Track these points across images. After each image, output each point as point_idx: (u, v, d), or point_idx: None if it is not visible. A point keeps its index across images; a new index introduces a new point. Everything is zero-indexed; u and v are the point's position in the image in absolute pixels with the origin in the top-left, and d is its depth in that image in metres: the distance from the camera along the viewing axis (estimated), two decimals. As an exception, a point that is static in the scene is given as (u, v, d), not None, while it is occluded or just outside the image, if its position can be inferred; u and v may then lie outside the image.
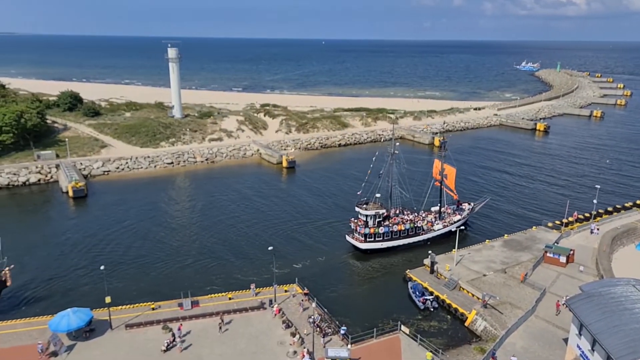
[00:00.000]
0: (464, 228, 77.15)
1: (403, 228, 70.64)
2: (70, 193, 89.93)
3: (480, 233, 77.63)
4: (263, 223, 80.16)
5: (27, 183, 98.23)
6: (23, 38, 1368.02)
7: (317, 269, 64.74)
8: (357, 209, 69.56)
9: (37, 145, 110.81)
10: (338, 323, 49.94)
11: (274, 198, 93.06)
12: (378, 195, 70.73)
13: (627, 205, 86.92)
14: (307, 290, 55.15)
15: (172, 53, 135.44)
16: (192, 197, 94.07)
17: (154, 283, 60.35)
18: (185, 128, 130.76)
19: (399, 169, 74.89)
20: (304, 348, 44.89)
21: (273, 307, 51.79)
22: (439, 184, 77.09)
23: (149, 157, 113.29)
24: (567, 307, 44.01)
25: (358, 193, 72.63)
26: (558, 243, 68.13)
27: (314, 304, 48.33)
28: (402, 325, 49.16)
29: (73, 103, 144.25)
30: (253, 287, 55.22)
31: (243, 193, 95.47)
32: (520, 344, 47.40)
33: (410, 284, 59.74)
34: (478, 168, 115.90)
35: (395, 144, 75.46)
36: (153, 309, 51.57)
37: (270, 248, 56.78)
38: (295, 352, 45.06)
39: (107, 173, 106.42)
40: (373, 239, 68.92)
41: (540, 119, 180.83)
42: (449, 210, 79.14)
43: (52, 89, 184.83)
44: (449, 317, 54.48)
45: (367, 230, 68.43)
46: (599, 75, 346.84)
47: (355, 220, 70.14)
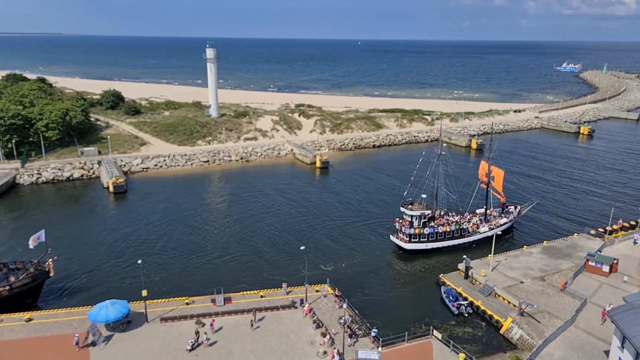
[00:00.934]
0: (511, 232, 75.69)
1: (448, 229, 69.87)
2: (111, 189, 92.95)
3: (518, 239, 75.43)
4: (295, 222, 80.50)
5: (70, 178, 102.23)
6: (69, 38, 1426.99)
7: (348, 270, 64.46)
8: (402, 209, 69.21)
9: (81, 142, 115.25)
10: (369, 325, 49.50)
11: (307, 198, 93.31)
12: (424, 196, 70.07)
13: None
14: (338, 292, 54.92)
15: (210, 53, 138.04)
16: (226, 195, 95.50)
17: (188, 278, 61.53)
18: (221, 127, 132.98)
19: (446, 170, 74.06)
20: (334, 349, 44.69)
21: (304, 306, 51.85)
22: (485, 186, 75.89)
23: (186, 155, 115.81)
24: (609, 318, 42.13)
25: (404, 194, 72.22)
26: (601, 251, 65.31)
27: (345, 305, 48.13)
28: (434, 330, 48.25)
29: (115, 102, 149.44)
30: (285, 286, 55.47)
31: (276, 192, 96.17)
32: (558, 355, 45.68)
33: (444, 289, 58.64)
34: (517, 171, 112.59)
35: (443, 145, 74.55)
36: (187, 304, 52.56)
37: (303, 247, 56.90)
38: (326, 352, 44.93)
39: (145, 170, 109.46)
40: (418, 240, 68.53)
41: (585, 122, 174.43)
42: (495, 213, 77.64)
43: (95, 88, 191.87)
44: (484, 323, 53.11)
45: (412, 231, 67.96)
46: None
47: (400, 221, 69.79)
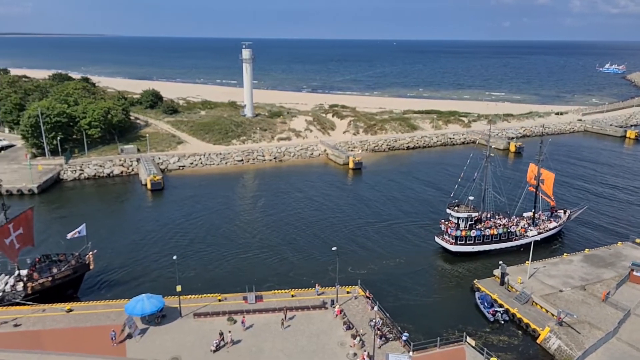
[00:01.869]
0: (559, 237, 74.08)
1: (496, 232, 68.59)
2: (149, 186, 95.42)
3: (558, 246, 72.81)
4: (327, 223, 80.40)
5: (111, 175, 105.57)
6: (111, 39, 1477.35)
7: (380, 272, 63.84)
8: (448, 211, 68.43)
9: (121, 140, 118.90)
10: (400, 329, 48.82)
11: (339, 198, 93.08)
12: (471, 198, 68.94)
13: None
14: (369, 294, 54.40)
15: (246, 54, 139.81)
16: (259, 194, 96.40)
17: (220, 275, 62.41)
18: (256, 127, 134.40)
19: (494, 172, 72.92)
20: (365, 351, 44.28)
21: (335, 307, 51.64)
22: (534, 189, 74.07)
23: (221, 154, 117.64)
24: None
25: (450, 195, 71.41)
26: (647, 261, 62.19)
27: (376, 308, 47.64)
28: (467, 337, 47.11)
29: (154, 101, 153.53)
30: (318, 287, 55.33)
31: (308, 192, 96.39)
32: (600, 368, 43.77)
33: (478, 295, 57.25)
34: (558, 176, 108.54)
35: (491, 147, 73.29)
36: (219, 301, 53.26)
37: (334, 248, 56.67)
38: (356, 354, 44.58)
39: (182, 168, 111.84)
40: (464, 242, 67.55)
41: (631, 126, 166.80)
42: (543, 217, 75.64)
43: (135, 88, 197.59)
44: (520, 332, 51.50)
45: (458, 233, 67.02)
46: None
47: (446, 222, 68.96)
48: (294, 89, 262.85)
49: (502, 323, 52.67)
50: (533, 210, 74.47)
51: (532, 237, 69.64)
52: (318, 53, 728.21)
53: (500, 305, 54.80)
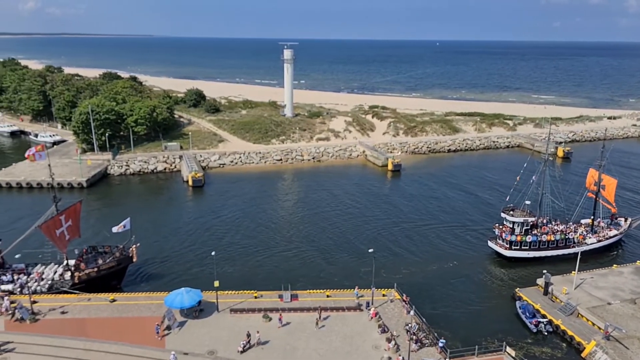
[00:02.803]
0: (619, 246, 71.32)
1: (552, 239, 66.52)
2: (190, 182, 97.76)
3: (607, 256, 69.32)
4: (364, 224, 79.84)
5: (154, 171, 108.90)
6: (159, 40, 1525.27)
7: (417, 276, 62.78)
8: (502, 215, 66.97)
9: (165, 137, 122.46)
10: (436, 335, 47.80)
11: (377, 200, 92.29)
12: (528, 202, 67.15)
13: None
14: (406, 297, 53.59)
15: (287, 54, 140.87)
16: (297, 193, 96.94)
17: (256, 272, 63.09)
18: (295, 127, 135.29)
19: (552, 177, 71.15)
20: (399, 355, 43.64)
21: (370, 309, 51.16)
22: (594, 195, 71.35)
23: (260, 153, 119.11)
24: None
25: (506, 199, 69.76)
26: None
27: (412, 312, 46.85)
28: (507, 347, 45.57)
29: (197, 100, 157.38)
30: (357, 290, 54.50)
31: (346, 193, 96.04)
32: (651, 387, 41.32)
33: (519, 304, 55.31)
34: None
35: (550, 150, 71.26)
36: (256, 298, 53.83)
37: (371, 250, 56.16)
38: (390, 358, 43.98)
39: (222, 166, 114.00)
40: (519, 247, 65.90)
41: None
42: (602, 224, 72.63)
43: (180, 87, 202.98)
44: (564, 345, 49.34)
45: (513, 238, 65.43)
46: None
47: (501, 227, 67.51)
48: (334, 90, 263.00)
49: (545, 334, 50.66)
50: (592, 217, 71.49)
51: (591, 244, 67.02)
52: (359, 54, 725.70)
53: (543, 316, 52.74)
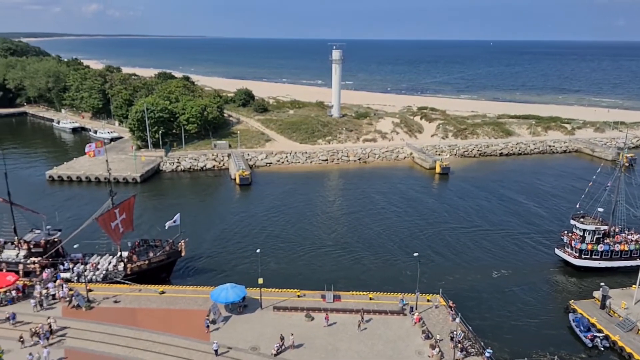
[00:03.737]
0: None
1: (627, 248, 63.40)
2: (237, 180, 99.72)
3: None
4: (408, 227, 78.54)
5: (204, 168, 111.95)
6: (211, 41, 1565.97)
7: (463, 283, 61.06)
8: (572, 222, 64.67)
9: (214, 136, 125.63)
10: (483, 344, 46.22)
11: (423, 203, 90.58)
12: (600, 210, 64.27)
13: None
14: (452, 304, 52.18)
15: (336, 55, 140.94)
16: (342, 194, 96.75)
17: (298, 271, 63.45)
18: (342, 127, 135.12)
19: (629, 184, 68.11)
20: (443, 363, 42.55)
21: (413, 314, 50.21)
22: None
23: (306, 152, 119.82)
24: None
25: (577, 206, 66.90)
26: None
27: (458, 319, 45.55)
28: (559, 361, 43.47)
29: (246, 100, 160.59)
30: (403, 297, 52.55)
31: (391, 195, 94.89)
32: None
33: (572, 317, 52.62)
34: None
35: (626, 156, 67.68)
36: (298, 296, 54.11)
37: (416, 254, 55.13)
38: (434, 365, 42.98)
39: (269, 165, 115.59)
40: (589, 256, 63.33)
41: None
42: None
43: (230, 86, 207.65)
44: (621, 362, 46.53)
45: (583, 246, 62.99)
46: None
47: (570, 234, 65.15)
48: (382, 90, 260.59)
49: (601, 350, 47.93)
50: None
51: None
52: (408, 54, 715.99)
53: (599, 331, 49.90)
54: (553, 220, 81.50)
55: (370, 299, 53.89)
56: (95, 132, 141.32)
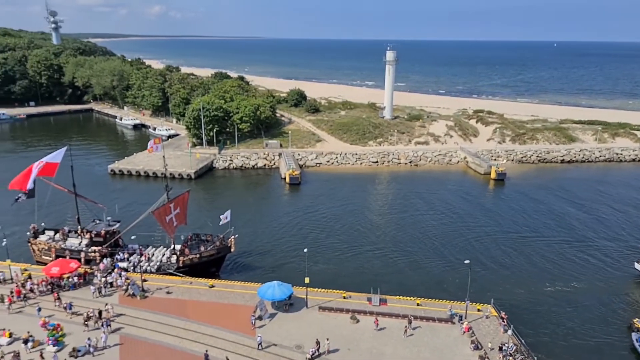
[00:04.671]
0: None
1: None
2: (287, 180, 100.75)
3: None
4: (460, 234, 76.19)
5: (255, 167, 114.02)
6: (268, 42, 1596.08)
7: (516, 294, 58.43)
8: None
9: (266, 135, 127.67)
10: (536, 359, 43.97)
11: (476, 209, 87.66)
12: None
13: None
14: (504, 315, 50.05)
15: (390, 55, 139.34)
16: (391, 196, 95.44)
17: (344, 272, 63.03)
18: (393, 129, 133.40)
19: None
20: (493, 377, 40.83)
21: (463, 323, 48.57)
22: None
23: (357, 154, 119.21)
24: None
25: None
26: None
27: (510, 332, 43.60)
28: (621, 383, 40.61)
29: (298, 100, 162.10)
30: (451, 308, 50.41)
31: (442, 200, 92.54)
32: None
33: (636, 336, 49.07)
34: None
35: None
36: (344, 298, 53.77)
37: (467, 261, 53.29)
38: (482, 378, 41.35)
39: (318, 165, 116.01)
40: None
41: None
42: None
43: (283, 86, 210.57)
44: (692, 389, 42.85)
45: None
46: None
47: None
48: (437, 92, 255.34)
49: (668, 374, 44.44)
50: None
51: None
52: (465, 55, 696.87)
53: (667, 354, 46.27)
54: (620, 232, 76.57)
55: (418, 305, 52.66)
56: (154, 129, 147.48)
